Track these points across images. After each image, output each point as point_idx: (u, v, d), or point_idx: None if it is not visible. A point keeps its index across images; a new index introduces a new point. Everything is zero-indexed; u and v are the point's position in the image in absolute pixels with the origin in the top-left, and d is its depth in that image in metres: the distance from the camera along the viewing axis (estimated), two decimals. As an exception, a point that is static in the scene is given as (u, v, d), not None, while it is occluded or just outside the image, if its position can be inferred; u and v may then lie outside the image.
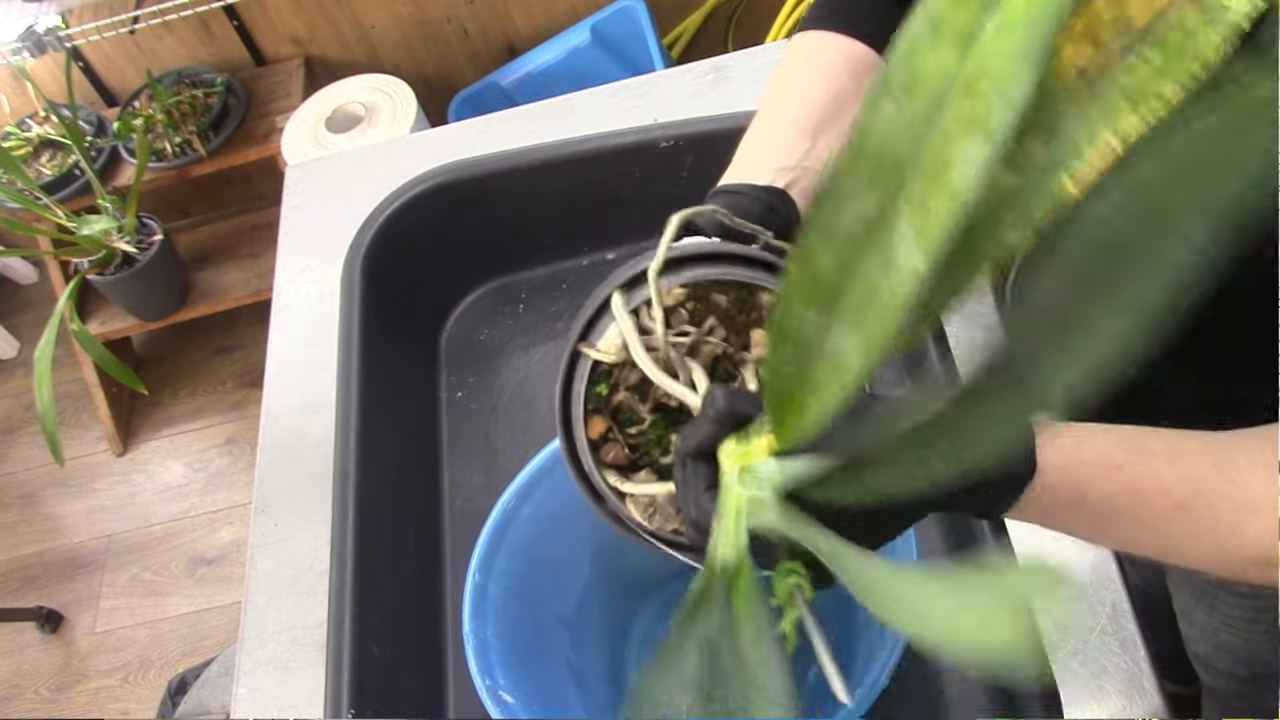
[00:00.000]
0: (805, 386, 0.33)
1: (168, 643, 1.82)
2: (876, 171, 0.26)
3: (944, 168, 0.24)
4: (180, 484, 2.01)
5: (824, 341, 0.31)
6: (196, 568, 1.90)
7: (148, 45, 1.96)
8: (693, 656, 0.36)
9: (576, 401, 0.47)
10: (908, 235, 0.26)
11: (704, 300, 0.47)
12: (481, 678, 0.70)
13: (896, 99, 0.25)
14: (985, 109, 0.23)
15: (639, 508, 0.48)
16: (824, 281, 0.29)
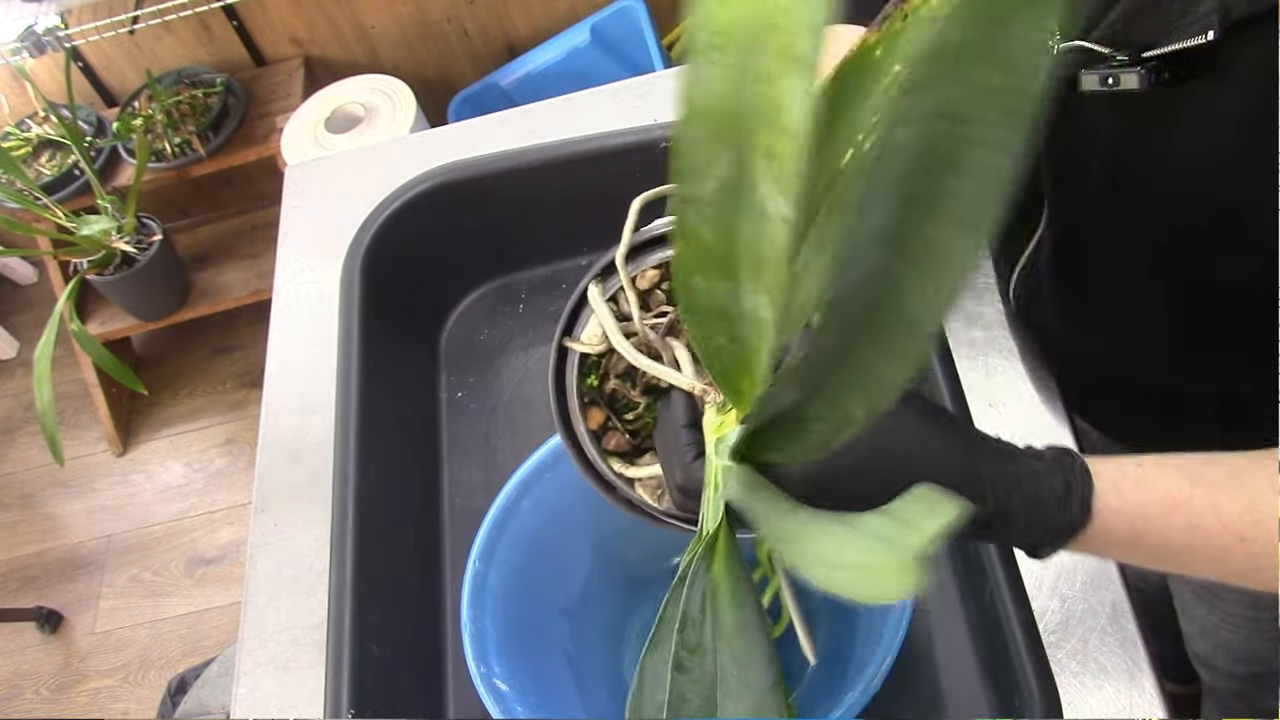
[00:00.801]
0: (744, 350, 0.33)
1: (168, 643, 1.82)
2: (719, 133, 0.26)
3: (776, 111, 0.24)
4: (180, 484, 2.01)
5: (739, 303, 0.31)
6: (196, 568, 1.90)
7: (147, 45, 1.96)
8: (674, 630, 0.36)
9: (571, 395, 0.47)
10: (768, 186, 0.26)
11: None
12: (477, 665, 0.70)
13: (710, 58, 0.25)
14: (790, 41, 0.23)
15: (648, 490, 0.48)
16: (713, 251, 0.29)
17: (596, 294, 0.47)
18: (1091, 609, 0.70)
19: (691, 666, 0.34)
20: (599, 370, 0.48)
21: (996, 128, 0.24)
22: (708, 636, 0.35)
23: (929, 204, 0.25)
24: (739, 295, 0.30)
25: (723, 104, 0.25)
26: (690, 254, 0.30)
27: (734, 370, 0.34)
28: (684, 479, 0.43)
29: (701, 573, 0.37)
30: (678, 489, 0.44)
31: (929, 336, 0.27)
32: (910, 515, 0.26)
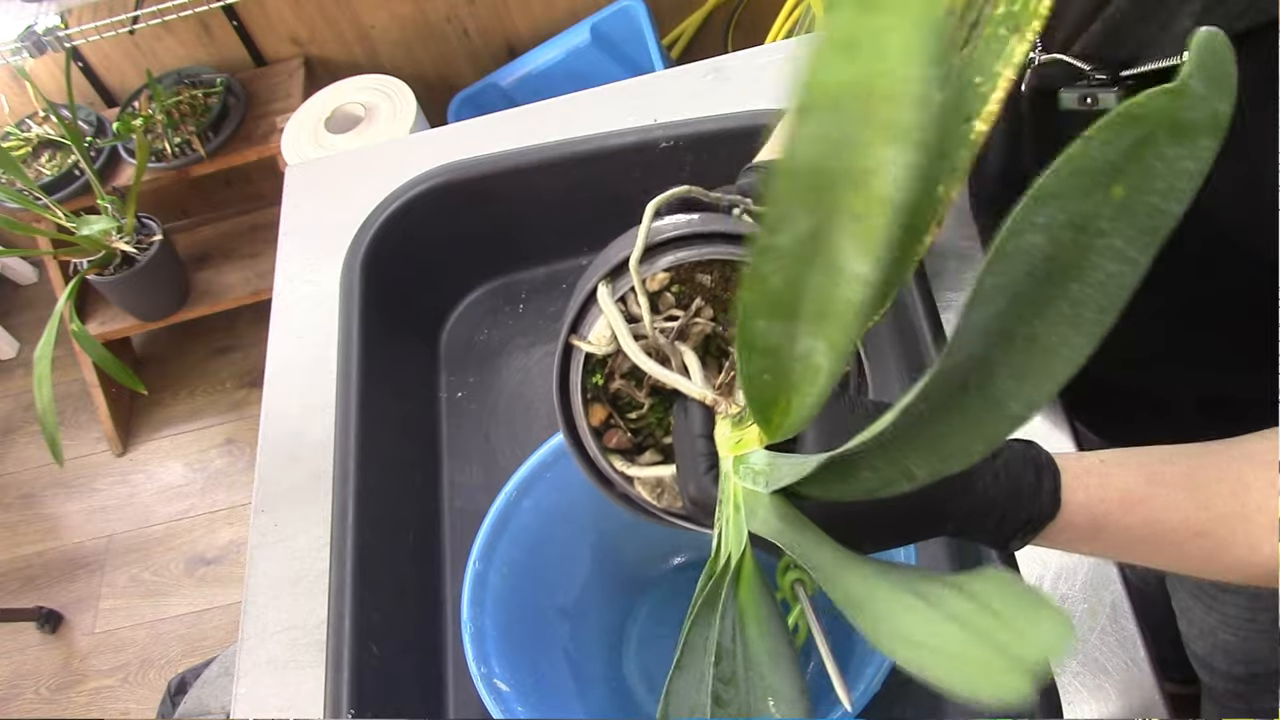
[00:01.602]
0: (786, 386, 0.33)
1: (168, 643, 1.82)
2: (810, 190, 0.26)
3: (869, 177, 0.25)
4: (180, 484, 2.01)
5: (794, 345, 0.31)
6: (196, 568, 1.90)
7: (147, 45, 1.96)
8: (704, 656, 0.36)
9: (574, 392, 0.47)
10: (849, 245, 0.26)
11: (689, 282, 0.48)
12: (477, 665, 0.70)
13: (812, 117, 0.25)
14: (893, 112, 0.24)
15: (647, 488, 0.49)
16: (779, 298, 0.30)
17: (606, 294, 0.47)
18: (1091, 609, 0.70)
19: (730, 700, 0.34)
20: (604, 369, 0.48)
21: (1129, 244, 0.26)
22: (740, 667, 0.35)
23: (1042, 304, 0.27)
24: (795, 337, 0.31)
25: (818, 163, 0.26)
26: (757, 298, 0.30)
27: (771, 401, 0.34)
28: (696, 491, 0.43)
29: (730, 600, 0.37)
30: (689, 499, 0.44)
31: (1017, 423, 0.28)
32: (992, 601, 0.26)
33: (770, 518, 0.37)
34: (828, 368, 0.30)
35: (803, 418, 0.33)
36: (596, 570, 0.83)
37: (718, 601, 0.37)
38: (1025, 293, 0.27)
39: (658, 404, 0.48)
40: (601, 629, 0.83)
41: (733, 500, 0.40)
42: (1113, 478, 0.46)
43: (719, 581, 0.38)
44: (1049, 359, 0.27)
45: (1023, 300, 0.27)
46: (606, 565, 0.83)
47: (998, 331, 0.28)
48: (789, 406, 0.34)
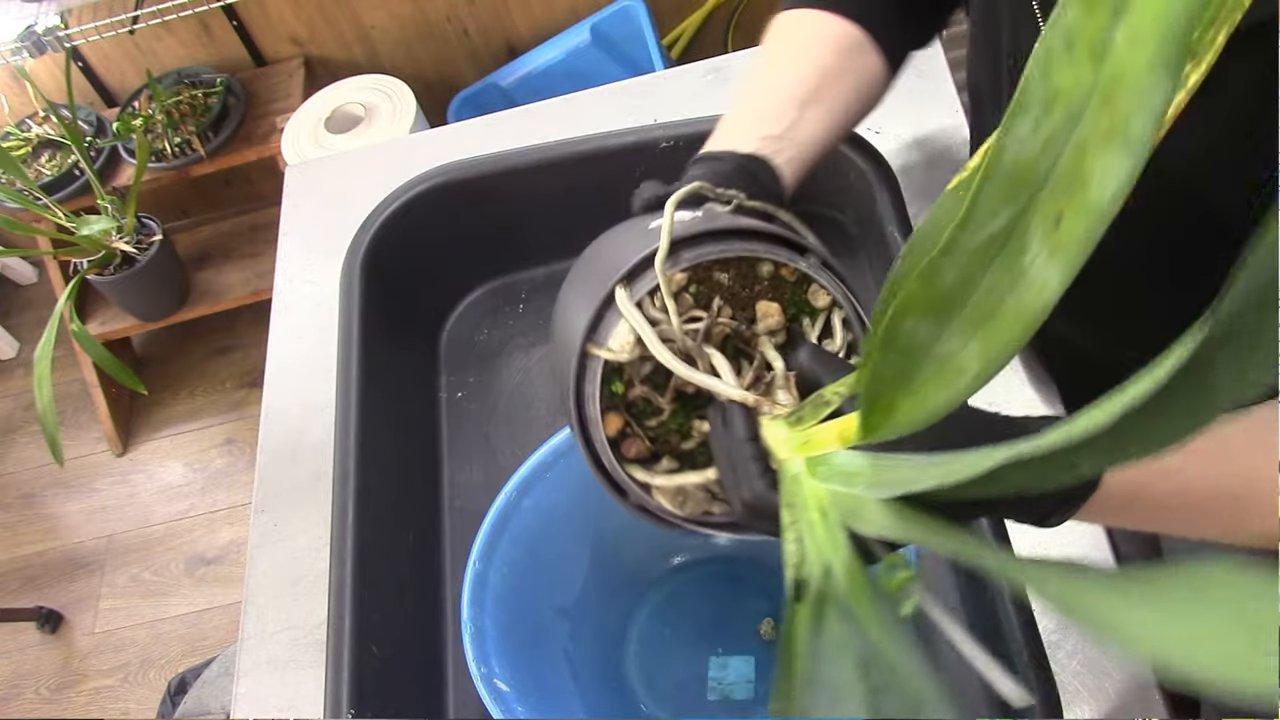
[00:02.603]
0: (909, 387, 0.32)
1: (168, 643, 1.82)
2: (1012, 189, 0.26)
3: (1081, 183, 0.24)
4: (180, 484, 2.01)
5: (933, 347, 0.30)
6: (196, 568, 1.90)
7: (147, 45, 1.96)
8: (838, 672, 0.33)
9: (590, 402, 0.45)
10: (1042, 251, 0.26)
11: (706, 281, 0.46)
12: (477, 665, 0.70)
13: (1034, 116, 0.24)
14: (1123, 120, 0.23)
15: (667, 497, 0.47)
16: (944, 296, 0.29)
17: (626, 298, 0.45)
18: (1091, 609, 0.70)
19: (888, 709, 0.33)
20: (623, 377, 0.46)
21: None
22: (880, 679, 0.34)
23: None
24: (940, 338, 0.30)
25: (1029, 163, 0.25)
26: (920, 294, 0.30)
27: (888, 401, 0.33)
28: (752, 498, 0.42)
29: (843, 614, 0.35)
30: (744, 507, 0.43)
31: (1227, 405, 0.27)
32: (1244, 590, 0.24)
33: (885, 519, 0.35)
34: (975, 372, 0.29)
35: (919, 421, 0.32)
36: (596, 570, 0.83)
37: (828, 616, 0.35)
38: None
39: (678, 410, 0.47)
40: (601, 629, 0.83)
41: (814, 504, 0.38)
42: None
43: (823, 590, 0.36)
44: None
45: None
46: (606, 565, 0.83)
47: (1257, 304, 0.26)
48: (907, 408, 0.33)
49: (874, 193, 0.87)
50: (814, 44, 0.67)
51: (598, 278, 0.48)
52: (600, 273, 0.48)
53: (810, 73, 0.65)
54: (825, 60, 0.66)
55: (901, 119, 0.97)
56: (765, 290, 0.47)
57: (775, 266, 0.47)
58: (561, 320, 0.51)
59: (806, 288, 0.48)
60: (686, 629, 0.83)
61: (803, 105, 0.64)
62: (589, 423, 0.46)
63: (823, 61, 0.66)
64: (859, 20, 0.67)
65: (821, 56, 0.66)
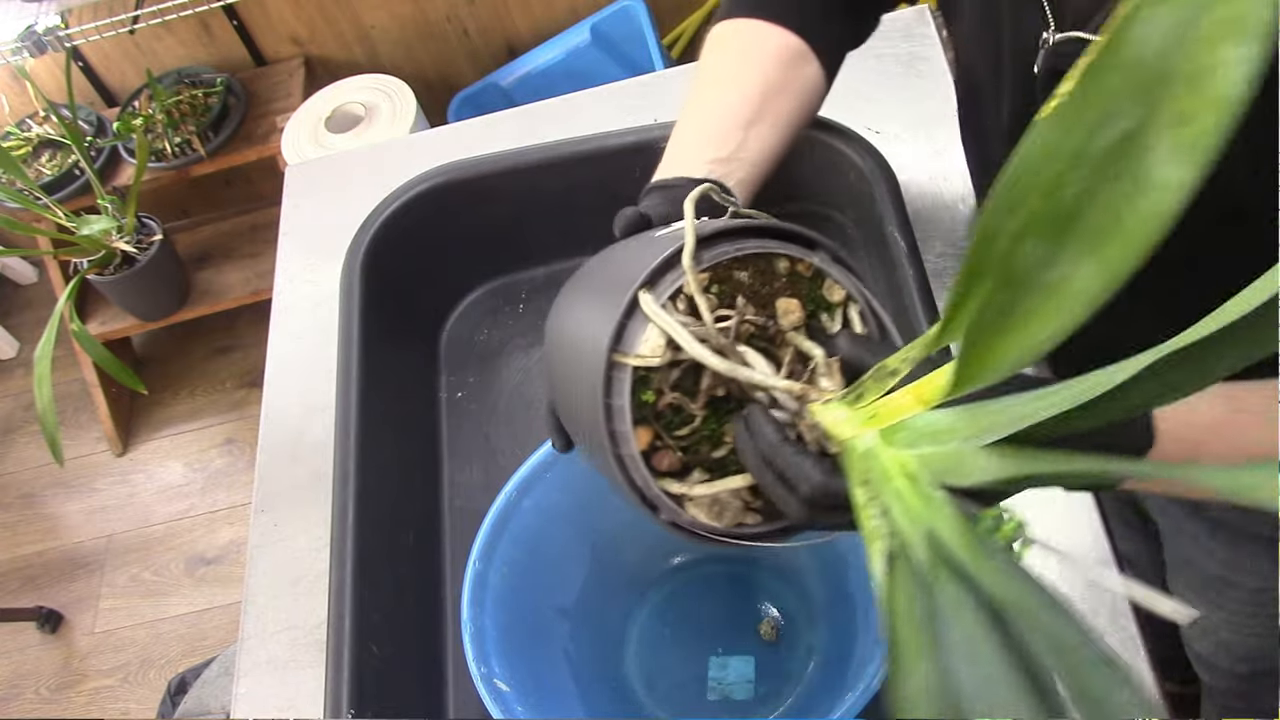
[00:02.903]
0: (1008, 324, 0.31)
1: (168, 643, 1.82)
2: (1133, 90, 0.25)
3: (1206, 77, 0.24)
4: (180, 484, 2.01)
5: (1043, 273, 0.29)
6: (196, 568, 1.90)
7: (147, 45, 1.96)
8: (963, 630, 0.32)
9: (619, 417, 0.44)
10: (1166, 151, 0.25)
11: (727, 281, 0.46)
12: (477, 665, 0.70)
13: (1152, 12, 0.24)
14: (1242, 9, 0.22)
15: (703, 509, 0.46)
16: (1062, 211, 0.28)
17: (652, 301, 0.44)
18: (1092, 609, 0.70)
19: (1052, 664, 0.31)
20: (652, 386, 0.44)
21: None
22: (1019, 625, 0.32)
23: None
24: (1053, 262, 0.29)
25: (1149, 61, 0.25)
26: (1039, 211, 0.28)
27: (986, 343, 0.32)
28: (812, 490, 0.41)
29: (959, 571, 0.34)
30: (806, 503, 0.42)
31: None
32: None
33: (992, 464, 0.33)
34: (1092, 292, 0.28)
35: (1025, 357, 0.31)
36: (596, 570, 0.83)
37: (936, 576, 0.34)
38: None
39: (710, 416, 0.45)
40: (601, 629, 0.83)
41: (899, 472, 0.36)
42: (1198, 406, 0.46)
43: (928, 556, 0.34)
44: None
45: None
46: (606, 565, 0.83)
47: None
48: (1011, 345, 0.31)
49: (874, 193, 0.87)
50: (754, 57, 0.67)
51: (610, 290, 0.46)
52: (611, 285, 0.47)
53: (753, 90, 0.65)
54: (767, 75, 0.66)
55: (901, 119, 0.97)
56: (784, 287, 0.47)
57: (791, 263, 0.47)
58: (568, 342, 0.49)
59: (821, 283, 0.48)
60: (686, 629, 0.83)
61: (748, 125, 0.63)
62: (619, 438, 0.44)
63: (765, 76, 0.66)
64: (797, 30, 0.67)
65: (763, 71, 0.66)
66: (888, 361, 0.40)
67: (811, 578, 0.81)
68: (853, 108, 0.97)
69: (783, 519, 0.47)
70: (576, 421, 0.49)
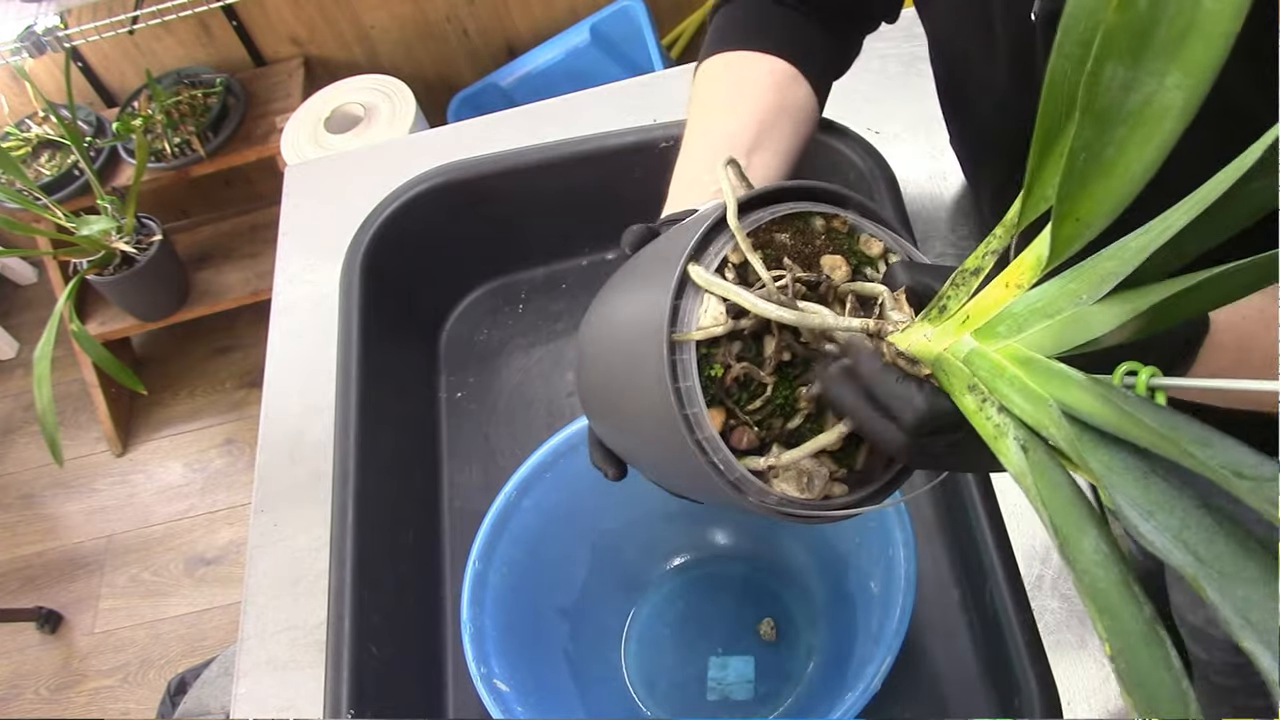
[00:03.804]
0: (1100, 164, 0.30)
1: (167, 643, 1.82)
2: None
3: None
4: (179, 484, 2.01)
5: (1128, 97, 0.28)
6: (196, 568, 1.90)
7: (147, 45, 1.96)
8: (1131, 491, 0.30)
9: (690, 399, 0.43)
10: None
11: (769, 245, 0.45)
12: (477, 665, 0.70)
13: None
14: None
15: (791, 483, 0.44)
16: (1140, 24, 0.27)
17: (703, 272, 0.43)
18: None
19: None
20: (715, 361, 0.43)
21: None
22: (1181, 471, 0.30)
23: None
24: (1135, 85, 0.28)
25: None
26: (1122, 25, 0.27)
27: (1081, 191, 0.31)
28: (920, 416, 0.39)
29: (1105, 435, 0.32)
30: (913, 432, 0.40)
31: None
32: None
33: (1119, 312, 0.32)
34: (1179, 107, 0.27)
35: (1124, 198, 0.30)
36: (596, 570, 0.83)
37: (1081, 446, 0.32)
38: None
39: (779, 384, 0.44)
40: (601, 629, 0.83)
41: (1011, 362, 0.35)
42: (1248, 298, 0.45)
43: (1077, 434, 0.32)
44: None
45: None
46: (606, 565, 0.83)
47: None
48: (1108, 188, 0.30)
49: (874, 193, 0.87)
50: (748, 86, 0.67)
51: (649, 278, 0.45)
52: (650, 274, 0.46)
53: (751, 118, 0.65)
54: (763, 100, 0.66)
55: (901, 119, 0.97)
56: (824, 245, 0.46)
57: (826, 220, 0.47)
58: (616, 339, 0.48)
59: (858, 239, 0.48)
60: (686, 629, 0.83)
61: (749, 152, 0.64)
62: (694, 422, 0.43)
63: (761, 103, 0.66)
64: (788, 56, 0.68)
65: (758, 98, 0.66)
66: (967, 263, 0.39)
67: (811, 578, 0.81)
68: (853, 108, 0.98)
69: (869, 484, 0.46)
70: (638, 423, 0.47)
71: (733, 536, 0.85)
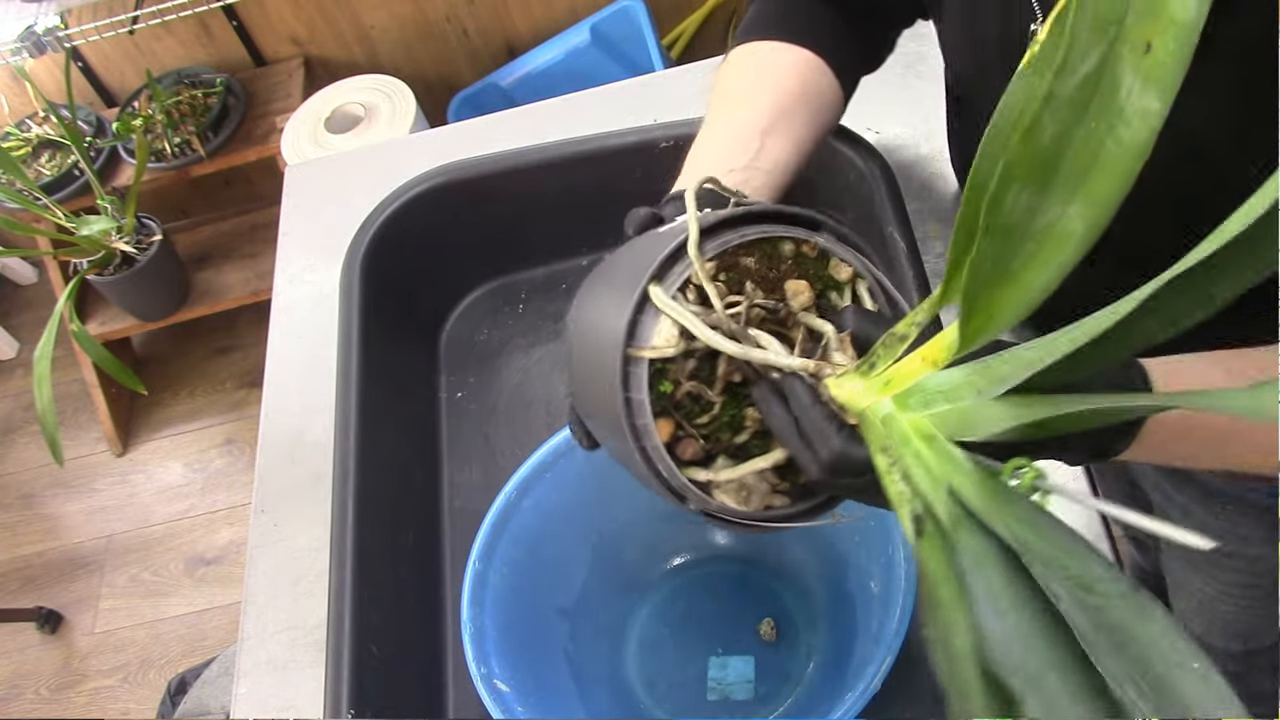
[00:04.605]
0: (1005, 275, 0.31)
1: (168, 643, 1.82)
2: (1098, 27, 0.25)
3: (1162, 2, 0.24)
4: (180, 484, 2.01)
5: (1033, 221, 0.30)
6: (196, 568, 1.90)
7: (147, 45, 1.96)
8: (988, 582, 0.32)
9: (639, 411, 0.45)
10: (1135, 82, 0.25)
11: (734, 268, 0.46)
12: (477, 666, 0.70)
13: None
14: None
15: (730, 495, 0.47)
16: (1043, 155, 0.28)
17: (662, 293, 0.45)
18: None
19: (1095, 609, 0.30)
20: (669, 378, 0.45)
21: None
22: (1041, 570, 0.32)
23: None
24: (1039, 209, 0.29)
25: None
26: (1022, 156, 0.29)
27: (986, 296, 0.32)
28: (832, 456, 0.42)
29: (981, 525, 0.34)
30: (824, 469, 0.42)
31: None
32: None
33: (1007, 414, 0.34)
34: (1080, 236, 0.29)
35: (1024, 307, 0.31)
36: (596, 570, 0.83)
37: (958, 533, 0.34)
38: None
39: (728, 402, 0.46)
40: (601, 629, 0.83)
41: (916, 435, 0.37)
42: (1193, 375, 0.46)
43: (951, 513, 0.34)
44: None
45: None
46: (606, 565, 0.83)
47: None
48: (1010, 298, 0.32)
49: (874, 193, 0.87)
50: (769, 72, 0.68)
51: (621, 288, 0.47)
52: (621, 283, 0.47)
53: (768, 101, 0.66)
54: (782, 86, 0.67)
55: (901, 119, 0.97)
56: (791, 269, 0.47)
57: (796, 245, 0.47)
58: (585, 342, 0.50)
59: (828, 263, 0.48)
60: (686, 629, 0.83)
61: (764, 134, 0.64)
62: (641, 431, 0.45)
63: (780, 87, 0.67)
64: (812, 47, 0.68)
65: (777, 83, 0.67)
66: (896, 328, 0.41)
67: (811, 578, 0.81)
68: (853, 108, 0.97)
69: (810, 498, 0.48)
70: (599, 419, 0.50)
71: (733, 536, 0.85)
